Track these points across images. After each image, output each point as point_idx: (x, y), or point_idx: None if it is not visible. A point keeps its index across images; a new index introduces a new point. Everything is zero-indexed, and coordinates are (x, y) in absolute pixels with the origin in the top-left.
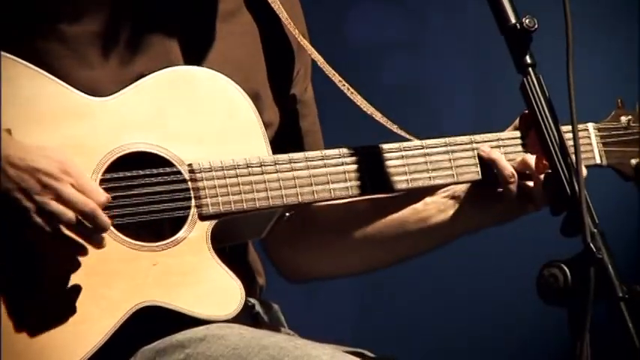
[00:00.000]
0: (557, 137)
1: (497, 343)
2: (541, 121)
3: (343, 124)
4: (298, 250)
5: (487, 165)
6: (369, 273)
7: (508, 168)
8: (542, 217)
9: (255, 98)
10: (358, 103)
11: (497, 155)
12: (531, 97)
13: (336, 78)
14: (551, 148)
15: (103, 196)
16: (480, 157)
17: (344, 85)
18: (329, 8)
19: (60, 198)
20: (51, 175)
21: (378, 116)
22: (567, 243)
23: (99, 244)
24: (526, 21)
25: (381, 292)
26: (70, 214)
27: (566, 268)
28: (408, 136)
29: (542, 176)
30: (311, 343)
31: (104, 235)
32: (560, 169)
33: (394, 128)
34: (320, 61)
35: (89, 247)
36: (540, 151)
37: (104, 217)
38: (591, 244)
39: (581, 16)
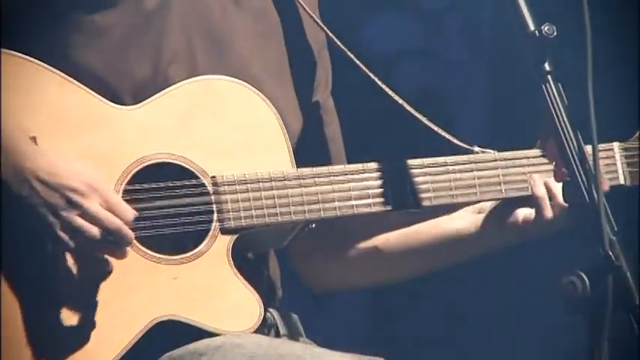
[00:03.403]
0: (576, 145)
1: (513, 355)
2: (560, 128)
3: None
4: (319, 262)
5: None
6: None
7: (549, 212)
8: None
9: (280, 100)
10: (392, 95)
11: (544, 194)
12: (550, 104)
13: (368, 73)
14: (570, 155)
15: (131, 213)
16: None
17: (380, 80)
18: (345, 15)
19: (86, 215)
20: (78, 192)
21: (410, 109)
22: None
23: (122, 256)
24: (545, 28)
25: (392, 302)
26: (94, 230)
27: (585, 276)
28: (440, 131)
29: (561, 195)
30: (329, 352)
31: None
32: (579, 176)
33: (425, 120)
34: (350, 56)
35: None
36: (559, 158)
37: (129, 232)
38: (610, 252)
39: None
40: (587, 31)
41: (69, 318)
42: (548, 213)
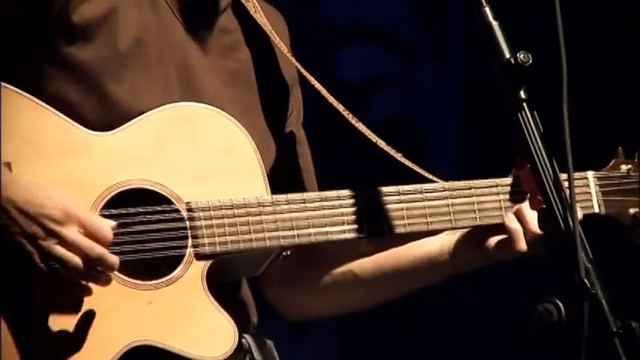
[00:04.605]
0: (551, 172)
1: None
2: (535, 156)
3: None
4: (295, 289)
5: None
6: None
7: (522, 245)
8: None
9: (253, 134)
10: (362, 131)
11: (517, 227)
12: (525, 132)
13: (340, 107)
14: (546, 183)
15: (109, 233)
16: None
17: (349, 114)
18: (319, 47)
19: (64, 242)
20: (55, 220)
21: (382, 144)
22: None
23: (107, 283)
24: (520, 56)
25: (366, 329)
26: (76, 259)
27: (560, 303)
28: (412, 166)
29: (535, 222)
30: None
31: None
32: (554, 204)
33: (398, 156)
34: (323, 91)
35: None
36: (535, 186)
37: (112, 257)
38: (585, 280)
39: None
40: (562, 58)
41: (45, 343)
42: (522, 245)
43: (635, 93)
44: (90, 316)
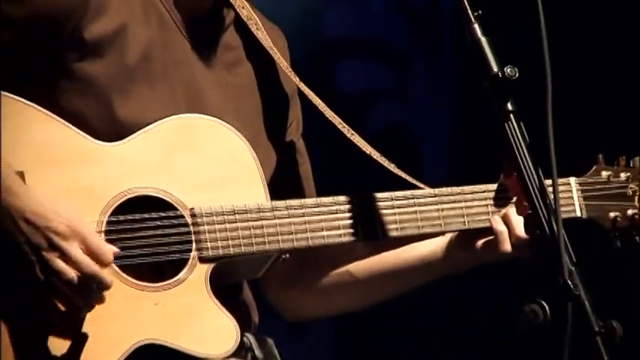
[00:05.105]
0: (537, 180)
1: None
2: (521, 165)
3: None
4: (294, 291)
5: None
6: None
7: (507, 247)
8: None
9: (254, 144)
10: (358, 144)
11: (503, 229)
12: (512, 142)
13: (336, 120)
14: (531, 190)
15: (110, 256)
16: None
17: (344, 127)
18: (319, 61)
19: (65, 257)
20: (60, 235)
21: (376, 155)
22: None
23: (100, 300)
24: (507, 70)
25: (367, 328)
26: (72, 274)
27: (545, 304)
28: (405, 176)
29: (521, 226)
30: None
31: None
32: (539, 209)
33: (392, 168)
34: (320, 104)
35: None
36: (521, 193)
37: (106, 279)
38: (569, 282)
39: None
40: (547, 67)
41: (55, 344)
42: (507, 246)
43: (635, 93)
44: (99, 316)
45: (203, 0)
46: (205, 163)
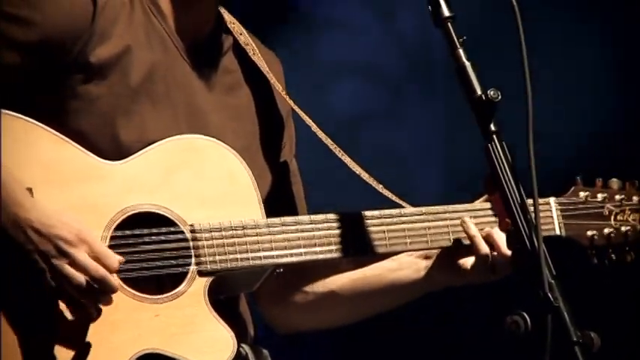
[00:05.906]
0: (518, 197)
1: None
2: (504, 182)
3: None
4: (287, 304)
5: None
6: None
7: (484, 248)
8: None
9: (251, 164)
10: (348, 164)
11: (476, 233)
12: (495, 161)
13: (328, 141)
14: (513, 207)
15: (116, 262)
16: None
17: (335, 148)
18: (314, 84)
19: (74, 263)
20: (68, 242)
21: (365, 176)
22: None
23: (107, 303)
24: (490, 92)
25: (362, 339)
26: (80, 278)
27: (526, 315)
28: (391, 196)
29: (505, 244)
30: None
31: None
32: (520, 225)
33: (379, 188)
34: (313, 125)
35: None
36: (503, 209)
37: (112, 282)
38: (549, 294)
39: None
40: (528, 88)
41: (61, 353)
42: (488, 270)
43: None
44: (103, 326)
45: (203, 26)
46: (205, 181)
